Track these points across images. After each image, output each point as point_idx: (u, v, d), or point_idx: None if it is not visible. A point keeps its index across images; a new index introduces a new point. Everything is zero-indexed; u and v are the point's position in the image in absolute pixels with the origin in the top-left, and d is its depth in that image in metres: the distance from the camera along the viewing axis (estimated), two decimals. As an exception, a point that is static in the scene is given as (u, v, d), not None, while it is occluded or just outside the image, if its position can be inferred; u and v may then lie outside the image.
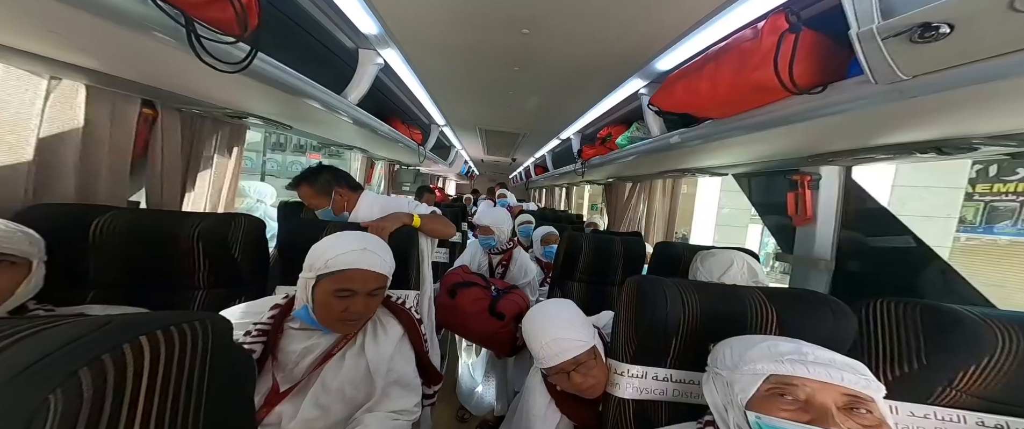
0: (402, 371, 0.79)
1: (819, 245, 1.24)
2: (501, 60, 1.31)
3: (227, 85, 0.87)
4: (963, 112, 0.55)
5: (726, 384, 0.53)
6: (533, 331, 0.80)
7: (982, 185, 4.21)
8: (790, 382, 0.47)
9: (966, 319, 0.58)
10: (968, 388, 0.61)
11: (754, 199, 1.58)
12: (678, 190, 2.28)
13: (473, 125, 2.85)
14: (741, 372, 0.51)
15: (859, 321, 0.68)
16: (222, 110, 1.10)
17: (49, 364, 0.21)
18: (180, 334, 0.27)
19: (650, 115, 1.36)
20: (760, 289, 0.79)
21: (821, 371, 0.46)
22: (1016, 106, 0.51)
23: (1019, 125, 0.58)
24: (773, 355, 0.50)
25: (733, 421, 0.52)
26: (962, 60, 0.43)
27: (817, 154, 1.03)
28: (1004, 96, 0.48)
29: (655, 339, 0.76)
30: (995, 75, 0.43)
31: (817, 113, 0.68)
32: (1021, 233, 3.98)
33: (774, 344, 0.52)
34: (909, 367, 0.61)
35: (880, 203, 1.20)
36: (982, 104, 0.51)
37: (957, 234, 4.02)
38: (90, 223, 0.77)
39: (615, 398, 0.76)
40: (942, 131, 0.66)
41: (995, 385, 0.59)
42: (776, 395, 0.48)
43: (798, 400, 0.47)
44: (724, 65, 0.85)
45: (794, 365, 0.47)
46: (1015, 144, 0.63)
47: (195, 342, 0.29)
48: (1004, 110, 0.53)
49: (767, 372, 0.49)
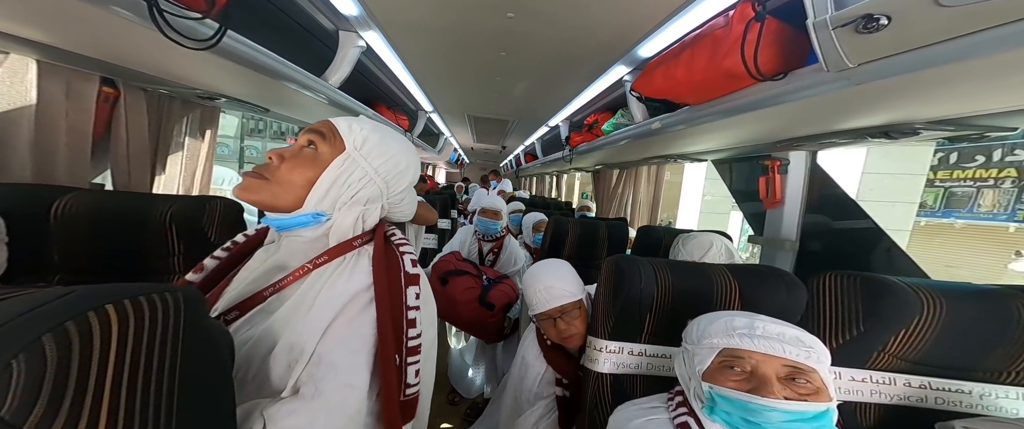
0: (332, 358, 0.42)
1: (786, 227, 1.32)
2: (486, 44, 1.30)
3: (196, 64, 0.83)
4: (905, 98, 0.60)
5: (690, 356, 0.57)
6: (532, 278, 0.91)
7: (943, 172, 4.49)
8: (738, 354, 0.51)
9: (897, 287, 0.64)
10: (898, 352, 0.68)
11: (733, 187, 1.65)
12: (662, 177, 2.35)
13: (461, 112, 2.81)
14: (701, 346, 0.55)
15: (810, 293, 0.74)
16: (192, 91, 1.05)
17: (10, 331, 0.21)
18: (149, 305, 0.26)
19: (633, 101, 1.39)
20: (726, 266, 0.85)
21: (765, 344, 0.50)
22: (948, 93, 0.56)
23: (953, 111, 0.64)
24: (727, 330, 0.53)
25: (693, 391, 0.56)
26: (899, 49, 0.47)
27: (784, 140, 1.09)
28: (938, 84, 0.53)
29: (631, 315, 0.80)
30: (927, 63, 0.47)
31: (781, 99, 0.73)
32: (975, 217, 4.29)
33: (730, 319, 0.55)
34: (850, 334, 0.68)
35: (840, 187, 1.28)
36: (920, 91, 0.56)
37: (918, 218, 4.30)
38: (51, 204, 0.73)
39: (594, 373, 0.80)
40: (889, 116, 0.71)
41: (920, 348, 0.66)
42: (726, 367, 0.52)
43: (745, 371, 0.51)
44: (699, 52, 0.88)
45: (743, 339, 0.51)
46: (952, 128, 0.69)
47: (167, 314, 0.27)
48: (940, 96, 0.58)
49: (720, 346, 0.53)
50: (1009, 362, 0.66)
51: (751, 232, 1.55)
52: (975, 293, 0.66)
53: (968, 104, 0.60)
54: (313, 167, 0.47)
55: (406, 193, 0.56)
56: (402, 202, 0.56)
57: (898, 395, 0.69)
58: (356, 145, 0.49)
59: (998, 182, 4.09)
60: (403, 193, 0.55)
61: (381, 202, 0.52)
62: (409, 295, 0.47)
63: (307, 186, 0.47)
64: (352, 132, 0.49)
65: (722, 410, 0.51)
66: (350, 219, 0.49)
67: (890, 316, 0.65)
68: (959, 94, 0.56)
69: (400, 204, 0.56)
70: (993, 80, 0.49)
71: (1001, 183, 4.07)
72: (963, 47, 0.43)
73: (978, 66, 0.45)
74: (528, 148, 4.19)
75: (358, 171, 0.49)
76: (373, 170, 0.50)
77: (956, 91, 0.55)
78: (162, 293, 0.27)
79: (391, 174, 0.52)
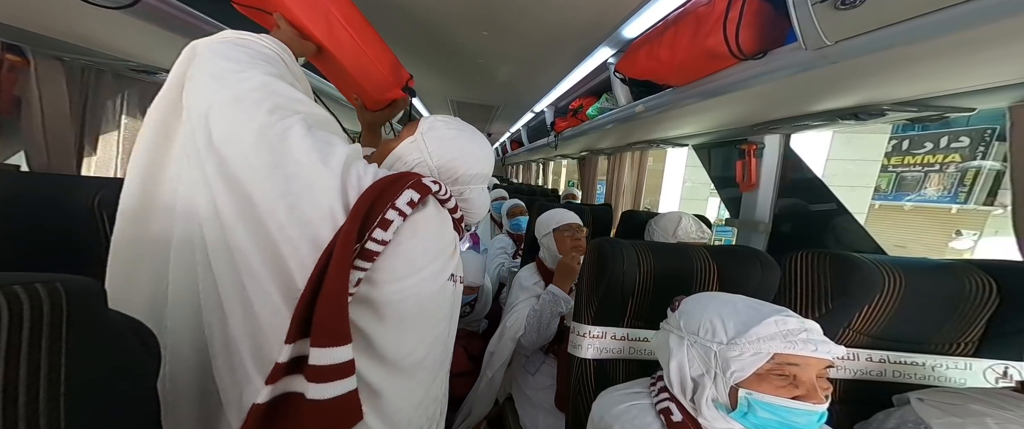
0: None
1: (760, 209, 1.37)
2: (467, 23, 1.23)
3: (122, 31, 0.72)
4: (876, 78, 0.61)
5: (714, 356, 0.50)
6: (548, 214, 1.29)
7: (896, 158, 4.84)
8: (792, 361, 0.46)
9: (863, 264, 0.67)
10: (861, 328, 0.71)
11: (713, 172, 1.69)
12: (645, 163, 2.38)
13: (444, 96, 2.71)
14: (741, 349, 0.47)
15: (783, 272, 0.77)
16: (123, 62, 0.93)
17: None
18: (9, 300, 0.19)
19: (617, 83, 1.37)
20: (705, 247, 0.87)
21: (825, 349, 0.45)
22: (916, 72, 0.57)
23: (918, 91, 0.66)
24: (783, 333, 0.46)
25: (709, 395, 0.50)
26: (874, 26, 0.47)
27: (761, 123, 1.11)
28: (907, 62, 0.54)
29: (614, 299, 0.81)
30: (898, 41, 0.47)
31: (760, 80, 0.73)
32: (922, 199, 4.68)
33: (781, 320, 0.47)
34: (821, 312, 0.69)
35: (811, 170, 1.33)
36: (890, 70, 0.57)
37: (873, 201, 4.65)
38: None
39: (578, 359, 0.81)
40: (860, 98, 0.73)
41: (881, 323, 0.69)
42: (775, 374, 0.46)
43: (789, 376, 0.46)
44: (682, 31, 0.87)
45: (805, 345, 0.45)
46: (915, 109, 0.71)
47: (38, 312, 0.20)
48: (908, 75, 0.59)
49: (772, 351, 0.46)
50: (958, 334, 0.70)
51: (727, 215, 1.61)
52: (931, 268, 0.70)
53: (933, 84, 0.62)
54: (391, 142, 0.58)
55: (469, 189, 0.59)
56: (468, 200, 0.60)
57: (860, 370, 0.72)
58: (423, 130, 0.56)
59: (943, 167, 4.46)
60: (464, 186, 0.58)
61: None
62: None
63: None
64: (425, 122, 0.58)
65: (757, 416, 0.46)
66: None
67: (856, 292, 0.67)
68: (925, 73, 0.57)
69: (465, 201, 0.59)
70: (957, 57, 0.50)
71: (946, 168, 4.45)
72: (932, 24, 0.44)
73: (944, 44, 0.46)
74: (514, 135, 4.14)
75: (416, 153, 0.55)
76: (428, 155, 0.55)
77: (923, 70, 0.56)
78: (31, 285, 0.20)
79: (444, 163, 0.56)
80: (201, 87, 0.42)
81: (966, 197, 4.34)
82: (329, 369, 0.36)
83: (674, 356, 0.55)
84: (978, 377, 0.70)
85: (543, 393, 1.05)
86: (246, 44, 0.47)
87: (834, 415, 0.69)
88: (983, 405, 0.53)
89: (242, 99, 0.41)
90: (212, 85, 0.41)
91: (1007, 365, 0.69)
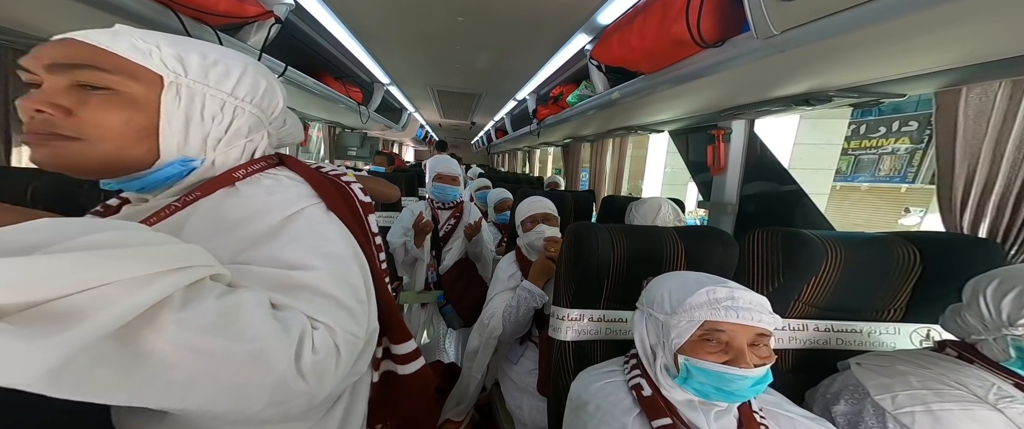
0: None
1: (728, 191, 1.44)
2: (441, 9, 1.20)
3: (53, 12, 0.65)
4: (821, 65, 0.66)
5: (661, 326, 0.54)
6: (526, 202, 1.25)
7: (854, 142, 5.18)
8: (720, 328, 0.50)
9: (809, 239, 0.72)
10: (808, 299, 0.76)
11: (688, 158, 1.75)
12: (626, 150, 2.43)
13: (424, 85, 2.63)
14: (678, 318, 0.52)
15: (742, 249, 0.82)
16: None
17: None
18: None
19: (594, 70, 1.39)
20: (674, 229, 0.92)
21: (747, 316, 0.49)
22: (854, 59, 0.62)
23: (857, 78, 0.71)
24: (710, 302, 0.51)
25: (660, 362, 0.54)
26: (815, 15, 0.51)
27: (727, 109, 1.16)
28: (846, 50, 0.58)
29: (590, 281, 0.83)
30: (838, 30, 0.51)
31: (721, 67, 0.76)
32: (876, 180, 5.05)
33: (711, 290, 0.52)
34: (774, 286, 0.74)
35: (773, 154, 1.41)
36: (833, 58, 0.62)
37: (834, 182, 4.97)
38: None
39: (557, 341, 0.83)
40: (809, 84, 0.78)
41: (825, 294, 0.75)
42: (705, 340, 0.51)
43: (721, 342, 0.50)
44: (650, 18, 0.89)
45: (728, 312, 0.49)
46: (856, 95, 0.77)
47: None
48: (847, 63, 0.64)
49: (702, 319, 0.50)
50: (890, 300, 0.77)
51: (701, 198, 1.68)
52: (866, 240, 0.76)
53: (869, 72, 0.67)
54: (126, 108, 0.36)
55: (284, 114, 0.49)
56: (285, 124, 0.51)
57: (808, 339, 0.78)
58: (179, 73, 0.38)
59: (895, 149, 4.81)
60: (282, 115, 0.49)
61: (265, 129, 0.46)
62: (371, 222, 0.51)
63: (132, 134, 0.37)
64: (152, 57, 0.37)
65: (696, 381, 0.51)
66: (234, 154, 0.43)
67: (804, 266, 0.73)
68: (862, 61, 0.62)
69: (283, 126, 0.51)
70: (888, 46, 0.55)
71: (897, 150, 4.80)
72: (864, 13, 0.47)
73: (876, 33, 0.50)
74: (498, 124, 4.09)
75: (210, 101, 0.40)
76: (229, 96, 0.41)
77: (859, 58, 0.61)
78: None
79: (257, 95, 0.44)
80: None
81: (913, 177, 4.72)
82: (406, 355, 0.52)
83: (637, 329, 0.61)
84: (905, 340, 0.78)
85: (527, 378, 1.09)
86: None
87: (788, 383, 0.74)
88: (907, 366, 0.60)
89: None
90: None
91: (929, 328, 0.78)
